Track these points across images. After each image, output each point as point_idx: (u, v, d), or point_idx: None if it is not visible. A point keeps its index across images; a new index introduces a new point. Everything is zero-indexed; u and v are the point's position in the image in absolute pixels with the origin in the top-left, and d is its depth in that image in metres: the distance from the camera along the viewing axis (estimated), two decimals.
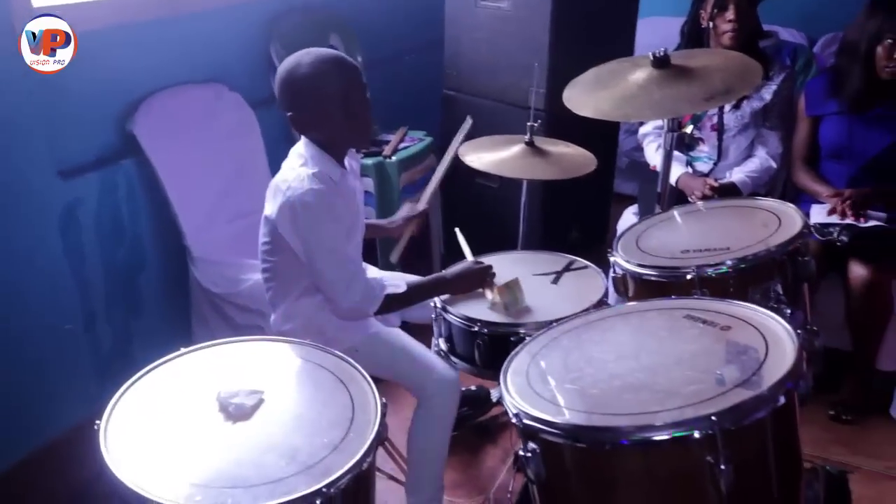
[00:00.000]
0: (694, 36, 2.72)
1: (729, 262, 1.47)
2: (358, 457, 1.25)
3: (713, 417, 0.98)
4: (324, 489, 1.18)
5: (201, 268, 2.41)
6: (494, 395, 2.51)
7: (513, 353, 1.28)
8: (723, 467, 0.98)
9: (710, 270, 1.46)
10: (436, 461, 1.88)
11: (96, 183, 2.26)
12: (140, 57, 2.35)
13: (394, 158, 2.90)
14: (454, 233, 2.19)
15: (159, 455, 1.27)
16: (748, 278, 1.44)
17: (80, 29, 2.10)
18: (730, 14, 2.56)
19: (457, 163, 2.50)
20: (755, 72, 1.83)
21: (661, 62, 1.86)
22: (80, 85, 2.16)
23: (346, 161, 1.87)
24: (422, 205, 2.19)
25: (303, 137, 1.83)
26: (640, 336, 1.27)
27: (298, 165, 1.79)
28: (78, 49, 2.09)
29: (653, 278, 1.50)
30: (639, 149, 3.37)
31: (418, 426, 1.86)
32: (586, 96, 1.87)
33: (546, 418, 1.08)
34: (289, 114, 1.80)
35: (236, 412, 1.34)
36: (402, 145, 3.01)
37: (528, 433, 1.12)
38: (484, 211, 3.05)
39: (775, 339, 1.14)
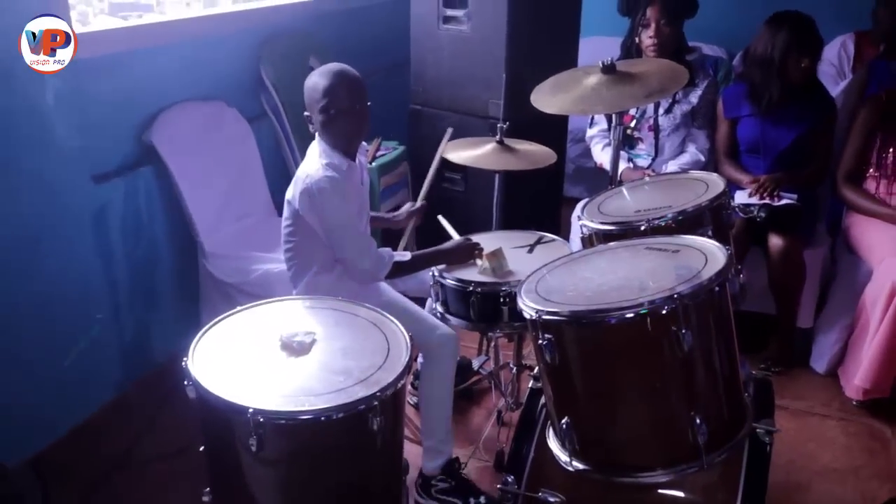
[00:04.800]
0: (630, 50, 3.20)
1: (671, 215, 1.88)
2: (399, 372, 1.59)
3: (675, 296, 1.39)
4: (377, 393, 1.53)
5: (213, 261, 2.71)
6: (475, 364, 2.86)
7: (520, 284, 1.66)
8: (684, 331, 1.38)
9: (658, 221, 1.86)
10: (444, 405, 2.21)
11: (122, 187, 2.55)
12: (153, 77, 2.65)
13: (373, 164, 3.26)
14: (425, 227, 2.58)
15: (240, 380, 1.58)
16: (687, 226, 1.84)
17: (103, 52, 2.42)
18: (650, 31, 3.04)
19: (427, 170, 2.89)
20: (683, 74, 2.26)
21: (609, 69, 2.27)
22: (107, 100, 2.46)
23: (358, 157, 2.22)
24: (420, 201, 2.56)
25: (316, 135, 2.18)
26: (614, 262, 1.67)
27: (314, 158, 2.14)
28: (104, 70, 2.42)
29: (614, 232, 1.90)
30: (584, 155, 3.80)
31: (426, 377, 2.20)
32: (550, 97, 2.27)
33: (556, 310, 1.47)
34: (305, 114, 2.15)
35: (298, 347, 1.67)
36: (379, 153, 3.37)
37: (544, 326, 1.50)
38: (452, 211, 3.41)
39: (712, 254, 1.56)
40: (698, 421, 1.42)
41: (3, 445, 2.17)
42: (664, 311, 1.39)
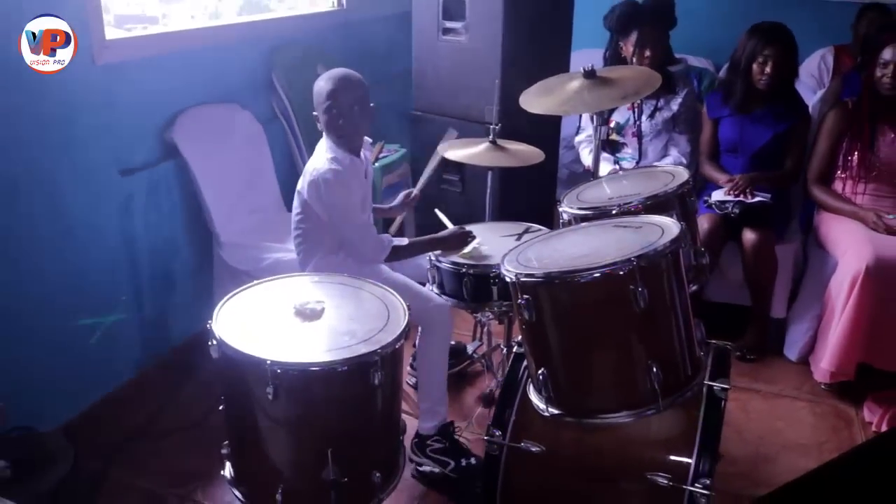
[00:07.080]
0: (613, 61, 3.45)
1: (640, 199, 2.10)
2: (398, 333, 1.82)
3: (633, 259, 1.62)
4: (378, 350, 1.75)
5: (228, 250, 2.93)
6: (469, 349, 3.08)
7: (503, 254, 1.89)
8: (640, 289, 1.61)
9: (628, 205, 2.08)
10: (440, 371, 2.42)
11: (146, 181, 2.77)
12: (173, 80, 2.88)
13: (376, 165, 3.49)
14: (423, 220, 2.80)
15: (258, 339, 1.80)
16: (654, 210, 2.05)
17: (131, 57, 2.66)
18: (647, 51, 3.31)
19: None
20: (656, 79, 2.49)
21: (589, 74, 2.49)
22: (134, 101, 2.69)
23: (362, 153, 2.46)
24: (416, 191, 2.78)
25: (324, 133, 2.42)
26: (585, 237, 1.91)
27: (321, 154, 2.37)
28: (132, 73, 2.65)
29: (590, 216, 2.11)
30: (577, 161, 4.03)
31: (423, 345, 2.41)
32: (538, 99, 2.50)
33: (533, 272, 1.71)
34: (314, 114, 2.39)
35: (311, 314, 1.90)
36: (382, 155, 3.60)
37: (523, 287, 1.73)
38: (450, 211, 3.63)
39: (668, 228, 1.79)
40: (655, 369, 1.64)
41: (36, 414, 2.38)
42: (622, 272, 1.63)
